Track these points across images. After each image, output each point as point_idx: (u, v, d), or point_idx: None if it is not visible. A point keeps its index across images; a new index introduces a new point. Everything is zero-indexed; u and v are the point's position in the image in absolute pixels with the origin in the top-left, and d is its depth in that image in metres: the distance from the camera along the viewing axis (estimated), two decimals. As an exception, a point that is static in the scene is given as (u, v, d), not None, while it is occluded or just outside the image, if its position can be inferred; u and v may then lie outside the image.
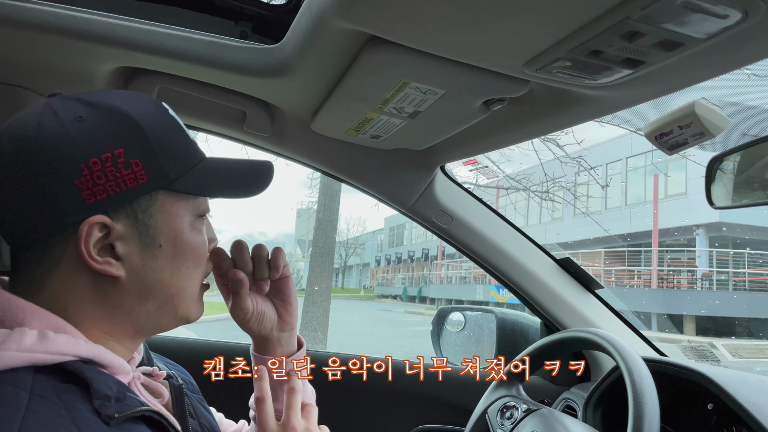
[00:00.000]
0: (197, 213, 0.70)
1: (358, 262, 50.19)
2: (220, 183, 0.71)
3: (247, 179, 0.74)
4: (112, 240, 0.63)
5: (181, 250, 0.67)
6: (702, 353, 10.03)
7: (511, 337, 1.68)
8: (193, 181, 0.67)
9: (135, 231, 0.64)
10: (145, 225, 0.64)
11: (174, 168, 0.65)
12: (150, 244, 0.65)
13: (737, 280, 17.03)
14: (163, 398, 0.72)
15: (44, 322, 0.60)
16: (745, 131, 6.60)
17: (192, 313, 0.71)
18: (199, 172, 0.68)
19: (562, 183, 8.00)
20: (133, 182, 0.62)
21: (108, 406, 0.56)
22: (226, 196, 0.73)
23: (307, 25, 0.82)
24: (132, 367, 0.69)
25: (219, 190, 0.71)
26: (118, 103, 0.64)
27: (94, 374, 0.58)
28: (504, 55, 0.77)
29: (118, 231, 0.63)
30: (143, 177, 0.63)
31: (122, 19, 0.92)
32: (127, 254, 0.64)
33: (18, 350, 0.55)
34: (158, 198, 0.65)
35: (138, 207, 0.64)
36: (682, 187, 17.47)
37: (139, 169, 0.62)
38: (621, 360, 0.98)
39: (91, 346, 0.61)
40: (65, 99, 0.64)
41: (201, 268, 0.71)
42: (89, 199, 0.60)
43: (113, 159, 0.61)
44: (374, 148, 1.29)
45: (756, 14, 0.60)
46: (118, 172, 0.61)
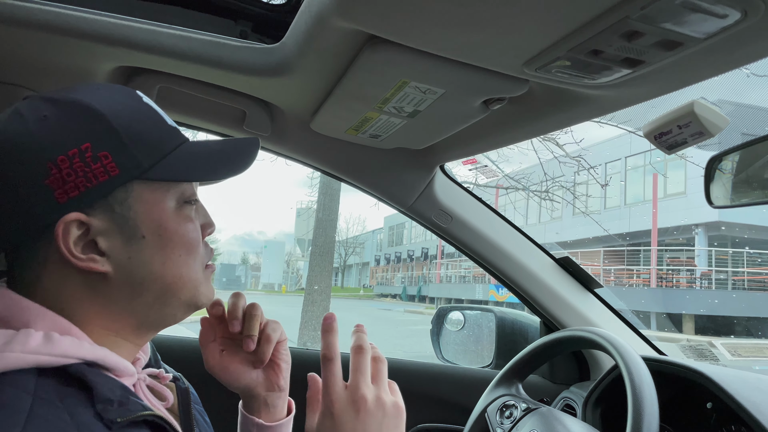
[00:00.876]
0: (182, 199, 0.68)
1: (357, 261, 50.24)
2: (199, 166, 0.68)
3: (227, 159, 0.71)
4: (93, 236, 0.61)
5: (168, 239, 0.66)
6: (701, 352, 10.04)
7: (511, 337, 1.68)
8: (169, 168, 0.65)
9: (115, 225, 0.62)
10: (124, 217, 0.63)
11: (146, 156, 0.63)
12: (132, 236, 0.63)
13: (736, 279, 17.05)
14: (168, 401, 0.71)
15: (50, 323, 0.59)
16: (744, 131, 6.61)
17: (200, 298, 0.70)
18: (175, 157, 0.66)
19: (562, 182, 8.00)
20: (103, 176, 0.61)
21: (110, 410, 0.56)
22: (207, 179, 0.69)
23: (306, 24, 0.83)
24: (138, 368, 0.68)
25: (198, 174, 0.68)
26: (82, 96, 0.62)
27: (97, 378, 0.58)
28: (503, 55, 0.77)
29: (97, 226, 0.61)
30: (114, 169, 0.61)
31: (122, 18, 0.92)
32: (111, 249, 0.62)
33: (22, 351, 0.55)
34: (134, 188, 0.63)
35: (114, 200, 0.62)
36: (681, 187, 17.50)
37: (109, 161, 0.61)
38: (620, 359, 0.98)
39: (95, 348, 0.60)
40: (32, 99, 0.63)
41: (195, 253, 0.69)
42: (61, 197, 0.59)
43: (80, 154, 0.60)
44: (374, 147, 1.29)
45: (755, 14, 0.60)
46: (87, 167, 0.60)
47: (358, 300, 31.75)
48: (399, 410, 0.67)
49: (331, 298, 8.07)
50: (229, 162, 0.70)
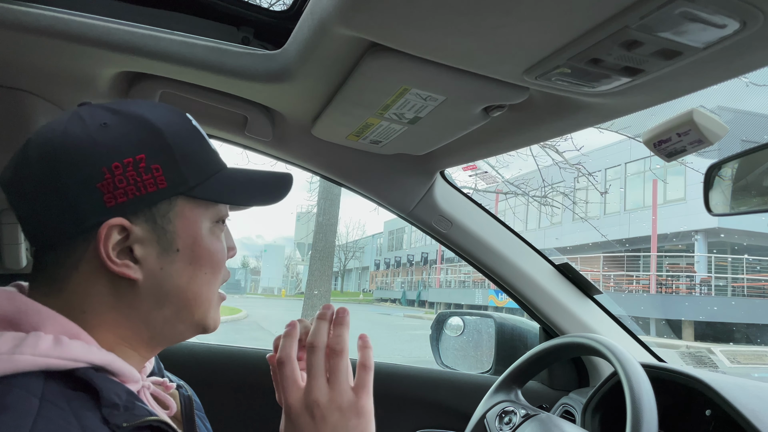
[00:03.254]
0: (216, 219, 0.70)
1: (357, 265, 50.19)
2: (238, 191, 0.71)
3: (265, 188, 0.74)
4: (130, 243, 0.63)
5: (199, 256, 0.68)
6: (700, 359, 10.03)
7: (510, 342, 1.68)
8: (211, 189, 0.68)
9: (153, 235, 0.65)
10: (164, 229, 0.65)
11: (193, 175, 0.66)
12: (168, 249, 0.66)
13: (736, 285, 17.04)
14: (171, 410, 0.72)
15: (59, 326, 0.60)
16: (744, 138, 6.62)
17: (209, 321, 0.71)
18: (218, 180, 0.69)
19: (561, 188, 8.01)
20: (152, 187, 0.63)
21: (116, 414, 0.56)
22: (244, 203, 0.73)
23: (308, 31, 0.83)
24: (142, 375, 0.69)
25: (237, 198, 0.72)
26: (142, 111, 0.66)
27: (103, 382, 0.58)
28: (504, 63, 0.78)
29: (137, 234, 0.63)
30: (163, 182, 0.64)
31: (125, 24, 0.93)
32: (145, 257, 0.64)
33: (33, 354, 0.56)
34: (177, 203, 0.66)
35: (157, 211, 0.65)
36: (681, 193, 17.50)
37: (159, 174, 0.64)
38: (619, 366, 0.99)
39: (103, 353, 0.61)
40: (93, 107, 0.66)
41: (218, 274, 0.71)
42: (110, 201, 0.62)
43: (134, 164, 0.62)
44: (375, 153, 1.29)
45: (754, 24, 0.60)
46: (138, 176, 0.62)
47: (358, 304, 31.71)
48: (360, 410, 0.64)
49: (331, 303, 8.06)
50: (265, 192, 0.74)
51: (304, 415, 0.64)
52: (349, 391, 0.65)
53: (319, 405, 0.63)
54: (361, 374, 0.67)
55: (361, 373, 0.67)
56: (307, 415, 0.64)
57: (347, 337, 0.67)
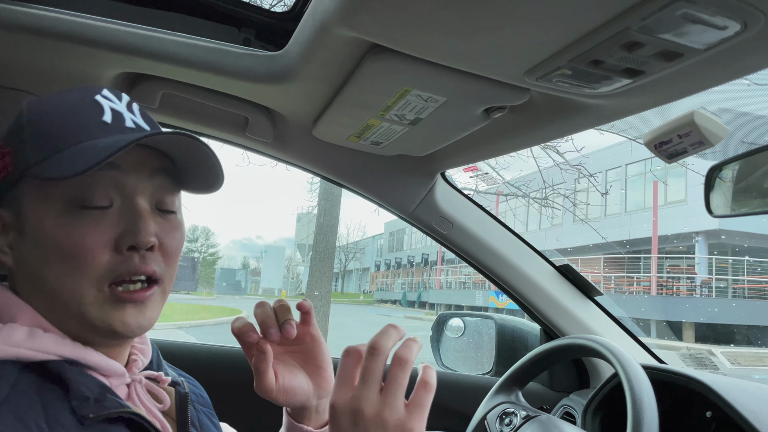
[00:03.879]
0: (77, 203, 0.61)
1: (357, 266, 50.18)
2: (89, 159, 0.58)
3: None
4: (6, 230, 0.65)
5: (42, 243, 0.60)
6: (701, 361, 10.01)
7: (511, 344, 1.68)
8: (55, 165, 0.59)
9: (14, 220, 0.64)
10: (19, 213, 0.63)
11: (37, 153, 0.61)
12: (21, 233, 0.63)
13: (736, 287, 17.03)
14: (165, 404, 0.71)
15: (34, 320, 0.62)
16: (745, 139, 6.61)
17: (94, 321, 0.61)
18: (72, 153, 0.59)
19: (562, 190, 8.01)
20: (3, 171, 0.64)
21: (85, 406, 0.57)
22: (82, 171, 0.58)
23: (310, 32, 0.83)
24: (134, 370, 0.69)
25: (77, 168, 0.58)
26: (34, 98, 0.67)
27: (75, 375, 0.59)
28: (505, 64, 0.78)
29: (6, 219, 0.64)
30: (10, 165, 0.63)
31: (126, 25, 0.93)
32: (13, 244, 0.64)
33: (5, 344, 0.57)
34: (24, 185, 0.62)
35: (12, 196, 0.64)
36: (682, 194, 17.50)
37: (8, 157, 0.64)
38: (620, 367, 0.98)
39: (76, 347, 0.62)
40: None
41: (77, 265, 0.60)
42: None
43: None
44: (375, 154, 1.29)
45: (755, 26, 0.60)
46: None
47: (358, 305, 31.68)
48: (407, 429, 0.58)
49: (331, 304, 8.05)
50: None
51: (346, 419, 0.58)
52: (400, 408, 0.58)
53: (364, 415, 0.58)
54: (420, 393, 0.60)
55: (420, 392, 0.60)
56: (349, 419, 0.58)
57: (417, 352, 0.60)
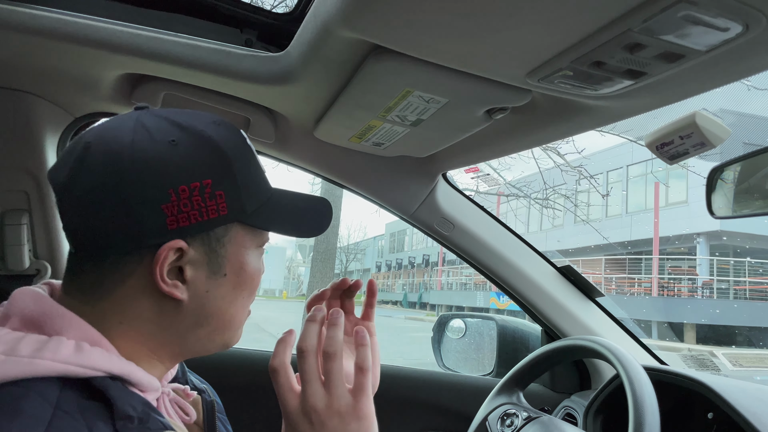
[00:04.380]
0: (260, 244, 0.71)
1: (358, 267, 50.14)
2: (287, 220, 0.72)
3: (308, 218, 0.75)
4: (182, 263, 0.63)
5: (243, 280, 0.68)
6: (702, 362, 10.00)
7: (512, 345, 1.68)
8: (264, 216, 0.68)
9: (206, 258, 0.64)
10: (216, 253, 0.65)
11: (250, 202, 0.67)
12: (216, 272, 0.66)
13: (738, 288, 17.01)
14: (192, 417, 0.71)
15: (81, 333, 0.59)
16: (746, 140, 6.61)
17: (234, 340, 0.72)
18: (269, 207, 0.70)
19: (563, 191, 8.00)
20: (214, 213, 0.63)
21: (130, 427, 0.56)
22: (292, 234, 0.73)
23: (311, 33, 0.83)
24: (163, 382, 0.69)
25: (286, 228, 0.72)
26: (209, 132, 0.65)
27: (119, 393, 0.57)
28: (507, 65, 0.78)
29: (191, 256, 0.63)
30: (224, 209, 0.64)
31: (129, 26, 0.93)
32: (194, 279, 0.64)
33: (53, 360, 0.55)
34: (232, 229, 0.66)
35: (213, 236, 0.65)
36: (683, 195, 17.48)
37: (222, 201, 0.63)
38: (621, 368, 0.98)
39: (123, 363, 0.60)
40: (156, 117, 0.64)
41: (253, 297, 0.72)
42: (172, 224, 0.61)
43: (201, 188, 0.62)
44: (377, 155, 1.30)
45: (757, 27, 0.60)
46: (203, 201, 0.62)
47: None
48: (359, 413, 0.64)
49: (332, 305, 8.04)
50: (309, 221, 0.75)
51: (303, 422, 0.63)
52: (346, 395, 0.64)
53: (317, 410, 0.63)
54: (358, 377, 0.65)
55: (358, 376, 0.65)
56: (305, 421, 0.63)
57: (341, 338, 0.65)
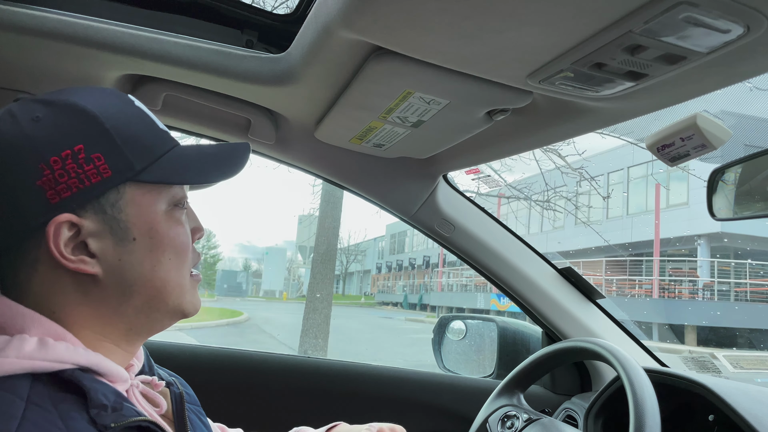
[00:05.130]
0: (173, 202, 0.68)
1: (359, 268, 50.15)
2: (191, 169, 0.68)
3: (218, 163, 0.71)
4: (84, 237, 0.61)
5: (159, 242, 0.66)
6: (703, 364, 9.98)
7: (513, 347, 1.68)
8: (161, 171, 0.65)
9: (106, 226, 0.62)
10: (116, 219, 0.63)
11: (139, 159, 0.64)
12: (123, 239, 0.63)
13: (739, 290, 16.98)
14: (161, 408, 0.71)
15: (44, 329, 0.60)
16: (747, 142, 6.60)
17: (186, 305, 0.69)
18: (167, 160, 0.66)
19: (563, 192, 8.00)
20: (96, 177, 0.61)
21: (104, 415, 0.56)
22: (198, 182, 0.69)
23: (312, 34, 0.83)
24: (131, 374, 0.68)
25: (190, 177, 0.68)
26: (76, 99, 0.63)
27: (91, 383, 0.58)
28: (507, 67, 0.78)
29: (88, 228, 0.61)
30: (107, 171, 0.61)
31: (129, 27, 0.93)
32: (101, 250, 0.62)
33: (17, 357, 0.55)
34: (126, 191, 0.63)
35: (106, 202, 0.62)
36: (684, 197, 17.46)
37: (102, 163, 0.61)
38: (622, 370, 0.98)
39: (89, 354, 0.61)
40: (26, 101, 0.63)
41: (184, 258, 0.69)
42: (53, 198, 0.59)
43: (73, 155, 0.60)
44: (377, 156, 1.30)
45: (758, 29, 0.60)
46: (79, 168, 0.60)
47: (359, 308, 31.66)
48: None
49: (332, 306, 8.05)
50: (220, 165, 0.71)
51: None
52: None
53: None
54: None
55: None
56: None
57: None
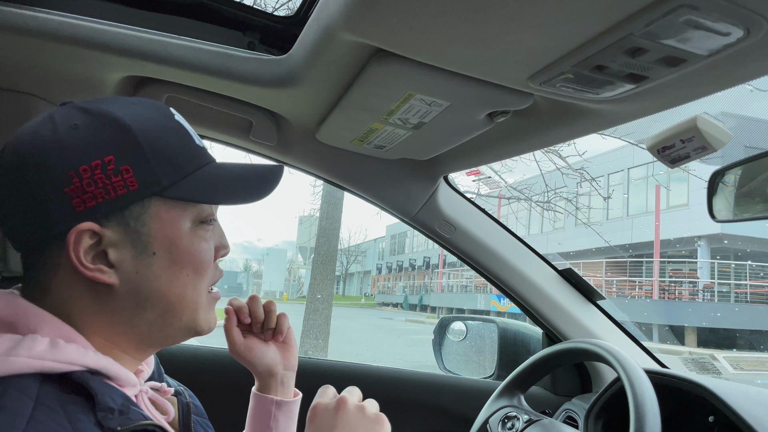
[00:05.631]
0: (199, 219, 0.68)
1: (359, 269, 50.14)
2: (220, 189, 0.68)
3: (249, 185, 0.71)
4: (104, 247, 0.62)
5: (178, 258, 0.66)
6: (703, 365, 9.98)
7: (513, 348, 1.68)
8: (189, 188, 0.65)
9: (127, 238, 0.63)
10: (138, 232, 0.63)
11: (167, 174, 0.64)
12: (143, 252, 0.64)
13: (739, 292, 16.98)
14: (169, 415, 0.71)
15: (56, 330, 0.60)
16: (747, 144, 6.61)
17: (200, 323, 0.70)
18: (197, 178, 0.66)
19: (564, 193, 8.00)
20: (122, 189, 0.61)
21: (111, 419, 0.56)
22: (224, 203, 0.69)
23: (314, 36, 0.84)
24: (140, 380, 0.69)
25: (218, 197, 0.69)
26: (114, 109, 0.63)
27: (99, 386, 0.58)
28: (508, 69, 0.78)
29: (110, 238, 0.62)
30: (134, 184, 0.62)
31: (132, 29, 0.94)
32: (120, 262, 0.63)
33: (28, 357, 0.56)
34: (151, 205, 0.64)
35: (130, 214, 0.63)
36: (684, 198, 17.46)
37: (130, 175, 0.62)
38: (622, 371, 0.98)
39: (99, 357, 0.61)
40: (68, 107, 0.64)
41: (203, 275, 0.69)
42: (79, 206, 0.60)
43: (103, 166, 0.61)
44: (379, 157, 1.30)
45: (758, 32, 0.61)
46: (107, 179, 0.61)
47: (360, 308, 31.64)
48: (381, 419, 0.71)
49: (333, 307, 8.05)
50: (250, 188, 0.71)
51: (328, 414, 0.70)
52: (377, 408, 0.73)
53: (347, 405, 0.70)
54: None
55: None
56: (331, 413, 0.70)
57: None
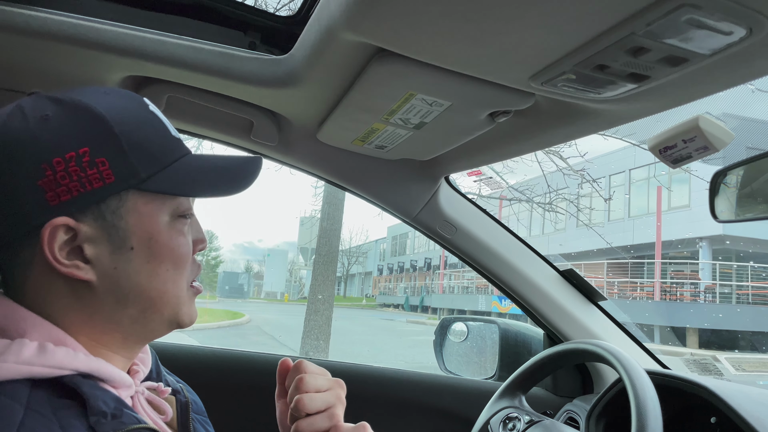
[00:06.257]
0: (177, 213, 0.66)
1: (360, 270, 50.14)
2: (199, 181, 0.66)
3: (229, 176, 0.69)
4: (80, 242, 0.60)
5: (157, 252, 0.64)
6: (705, 366, 9.97)
7: (514, 349, 1.68)
8: (167, 180, 0.63)
9: (104, 233, 0.61)
10: (115, 226, 0.61)
11: (145, 166, 0.61)
12: (120, 246, 0.62)
13: (740, 293, 16.95)
14: (167, 415, 0.70)
15: (45, 333, 0.59)
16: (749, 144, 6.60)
17: (182, 317, 0.68)
18: (175, 170, 0.64)
19: (565, 195, 8.00)
20: (98, 182, 0.59)
21: (104, 423, 0.55)
22: (204, 195, 0.68)
23: (315, 36, 0.84)
24: (136, 381, 0.68)
25: (196, 189, 0.66)
26: (87, 100, 0.61)
27: (91, 390, 0.57)
28: (510, 69, 0.78)
29: (85, 233, 0.60)
30: (110, 176, 0.59)
31: (133, 28, 0.94)
32: (96, 257, 0.61)
33: (16, 362, 0.54)
34: (128, 198, 0.61)
35: (106, 208, 0.60)
36: (686, 200, 17.44)
37: (106, 168, 0.59)
38: (624, 372, 0.98)
39: (90, 359, 0.59)
40: (38, 97, 0.62)
41: (183, 270, 0.67)
42: (53, 200, 0.58)
43: (77, 158, 0.58)
44: (380, 158, 1.30)
45: (760, 31, 0.60)
46: (82, 171, 0.58)
47: (361, 309, 31.65)
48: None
49: (334, 308, 8.05)
50: (229, 179, 0.69)
51: None
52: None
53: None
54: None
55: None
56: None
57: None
